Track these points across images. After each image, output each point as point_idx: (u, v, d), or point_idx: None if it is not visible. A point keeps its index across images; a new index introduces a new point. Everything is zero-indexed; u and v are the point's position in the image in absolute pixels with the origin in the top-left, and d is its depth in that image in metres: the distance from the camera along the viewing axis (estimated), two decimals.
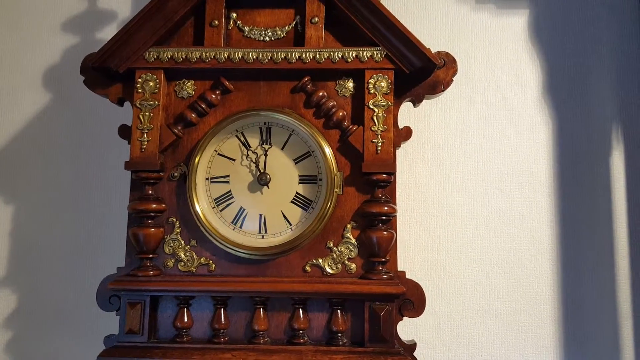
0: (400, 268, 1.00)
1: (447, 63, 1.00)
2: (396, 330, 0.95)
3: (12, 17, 1.34)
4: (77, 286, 1.22)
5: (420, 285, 0.98)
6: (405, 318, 0.98)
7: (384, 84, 0.97)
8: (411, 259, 1.20)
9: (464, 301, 1.21)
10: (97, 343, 1.10)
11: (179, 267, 0.97)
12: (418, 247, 1.21)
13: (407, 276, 1.00)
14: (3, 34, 1.33)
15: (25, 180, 1.27)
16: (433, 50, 0.99)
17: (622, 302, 1.18)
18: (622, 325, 1.17)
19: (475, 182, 1.24)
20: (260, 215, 0.98)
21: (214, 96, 0.99)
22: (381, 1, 1.01)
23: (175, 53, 0.97)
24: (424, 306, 0.98)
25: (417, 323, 1.19)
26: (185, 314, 0.96)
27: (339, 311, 0.95)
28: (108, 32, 1.30)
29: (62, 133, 1.28)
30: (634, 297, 1.18)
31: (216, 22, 0.99)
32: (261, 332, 0.95)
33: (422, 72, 0.98)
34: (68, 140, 1.28)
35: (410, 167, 1.24)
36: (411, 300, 0.97)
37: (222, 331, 0.95)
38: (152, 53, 0.97)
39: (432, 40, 1.25)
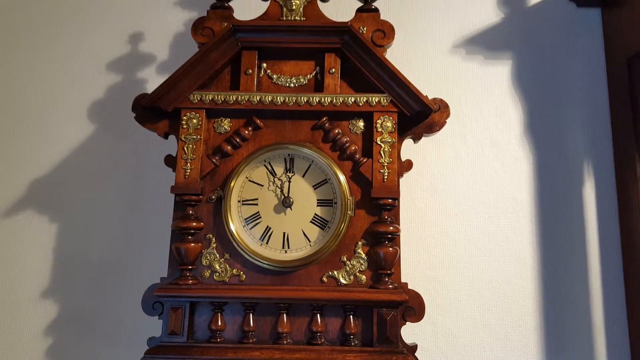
0: (402, 280, 1.15)
1: (442, 108, 1.18)
2: (400, 333, 1.11)
3: (62, 55, 1.51)
4: (115, 296, 1.36)
5: (420, 295, 1.13)
6: (407, 323, 1.12)
7: (389, 124, 1.15)
8: (412, 274, 1.33)
9: (458, 313, 1.35)
10: (132, 347, 1.26)
11: (214, 277, 1.12)
12: (418, 264, 1.36)
13: (409, 287, 1.16)
14: (53, 70, 1.50)
15: (70, 202, 1.42)
16: (430, 95, 1.17)
17: (595, 314, 1.33)
18: (595, 335, 1.32)
19: (466, 208, 1.39)
20: (284, 233, 1.14)
21: (246, 132, 1.16)
22: (386, 55, 1.21)
23: (216, 96, 1.15)
24: (424, 312, 1.12)
25: (417, 332, 1.33)
26: (219, 318, 1.09)
27: (351, 316, 1.10)
28: (147, 73, 1.49)
29: (105, 159, 1.43)
30: (605, 310, 1.33)
31: (250, 70, 1.17)
32: (284, 334, 1.09)
33: (420, 115, 1.15)
34: (111, 165, 1.43)
35: (411, 194, 1.39)
36: (412, 307, 1.12)
37: (250, 333, 1.09)
38: (196, 95, 1.15)
39: (429, 86, 1.40)
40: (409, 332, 1.31)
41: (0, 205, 1.43)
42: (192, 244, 1.11)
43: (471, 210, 1.40)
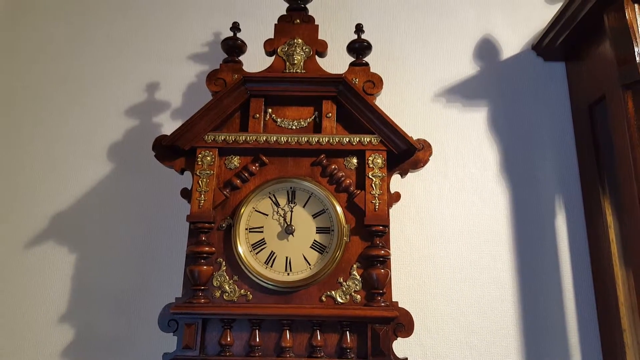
0: (393, 299, 1.27)
1: (425, 147, 1.34)
2: (392, 347, 1.22)
3: (84, 100, 1.67)
4: (131, 319, 1.46)
5: (409, 312, 1.25)
6: (398, 338, 1.24)
7: (379, 160, 1.31)
8: (402, 299, 1.43)
9: (445, 335, 1.45)
10: None
11: (224, 297, 1.24)
12: (407, 290, 1.47)
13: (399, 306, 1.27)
14: (75, 113, 1.66)
15: (89, 233, 1.54)
16: (415, 137, 1.34)
17: (570, 335, 1.44)
18: (571, 352, 1.43)
19: (450, 237, 1.52)
20: (287, 257, 1.26)
21: (254, 168, 1.31)
22: (375, 101, 1.38)
23: (227, 136, 1.31)
24: (413, 328, 1.24)
25: (408, 353, 1.42)
26: (229, 334, 1.20)
27: (347, 332, 1.21)
28: (162, 118, 1.65)
29: (121, 194, 1.57)
30: (579, 331, 1.44)
31: (257, 115, 1.34)
32: (287, 349, 1.20)
33: (407, 153, 1.31)
34: (127, 199, 1.56)
35: (400, 225, 1.52)
36: (403, 323, 1.24)
37: (256, 347, 1.20)
38: (210, 136, 1.31)
39: (414, 129, 1.57)
40: (400, 354, 1.40)
41: (24, 237, 1.55)
42: (205, 267, 1.24)
43: (455, 240, 1.53)
